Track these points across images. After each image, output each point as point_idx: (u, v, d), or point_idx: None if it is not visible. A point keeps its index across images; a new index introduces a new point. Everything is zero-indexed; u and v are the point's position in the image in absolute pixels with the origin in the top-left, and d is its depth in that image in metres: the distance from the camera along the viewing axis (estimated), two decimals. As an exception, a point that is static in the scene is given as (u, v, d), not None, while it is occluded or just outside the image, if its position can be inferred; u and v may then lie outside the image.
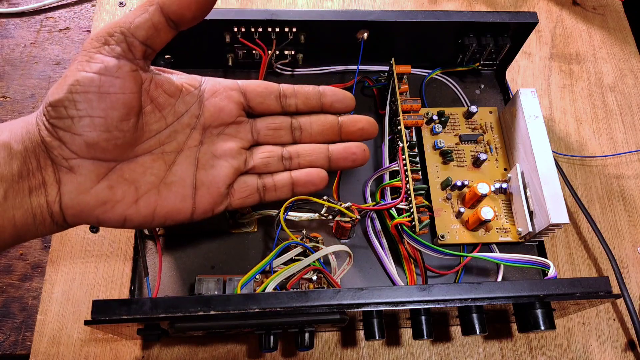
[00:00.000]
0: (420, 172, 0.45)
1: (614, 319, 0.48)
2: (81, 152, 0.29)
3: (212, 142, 0.34)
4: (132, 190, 0.31)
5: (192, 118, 0.34)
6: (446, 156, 0.50)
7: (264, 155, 0.36)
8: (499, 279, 0.47)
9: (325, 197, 0.44)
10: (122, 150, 0.31)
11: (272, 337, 0.39)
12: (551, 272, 0.40)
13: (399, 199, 0.44)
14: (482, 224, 0.46)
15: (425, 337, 0.39)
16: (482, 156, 0.49)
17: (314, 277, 0.43)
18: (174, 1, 0.30)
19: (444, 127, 0.52)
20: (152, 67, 0.33)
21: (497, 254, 0.46)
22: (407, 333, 0.46)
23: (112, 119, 0.29)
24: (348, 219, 0.44)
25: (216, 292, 0.43)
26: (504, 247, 0.49)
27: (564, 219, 0.43)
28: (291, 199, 0.43)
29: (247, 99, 0.36)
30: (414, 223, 0.43)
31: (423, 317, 0.39)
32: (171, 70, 0.34)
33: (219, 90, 0.35)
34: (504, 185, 0.49)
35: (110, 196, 0.31)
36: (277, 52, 0.51)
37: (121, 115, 0.30)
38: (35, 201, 0.29)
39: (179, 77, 0.34)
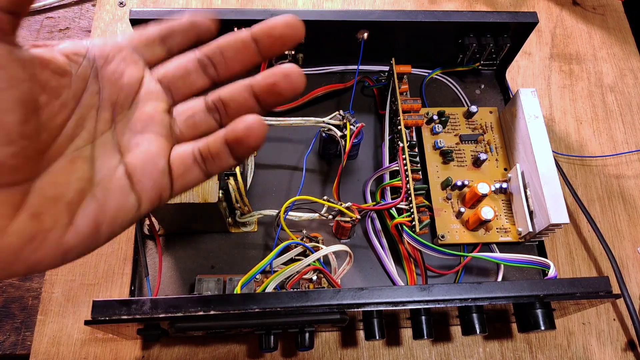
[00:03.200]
0: (420, 172, 0.45)
1: (614, 319, 0.48)
2: None
3: (126, 118, 0.28)
4: (62, 209, 0.24)
5: (94, 96, 0.27)
6: (446, 156, 0.50)
7: (186, 113, 0.30)
8: (499, 279, 0.47)
9: (325, 197, 0.44)
10: (34, 163, 0.24)
11: (272, 337, 0.39)
12: (551, 272, 0.40)
13: (399, 199, 0.44)
14: (482, 224, 0.46)
15: (426, 337, 0.39)
16: (482, 156, 0.49)
17: (314, 277, 0.43)
18: None
19: (444, 127, 0.52)
20: (22, 42, 0.25)
21: (497, 254, 0.46)
22: (407, 333, 0.46)
23: (11, 125, 0.22)
24: (348, 219, 0.44)
25: (216, 292, 0.43)
26: (504, 247, 0.49)
27: (564, 219, 0.43)
28: (291, 199, 0.43)
29: (141, 54, 0.29)
30: (414, 223, 0.43)
31: (423, 317, 0.39)
32: (44, 42, 0.27)
33: (110, 54, 0.28)
34: (504, 185, 0.49)
35: (38, 227, 0.23)
36: (277, 52, 0.51)
37: (20, 117, 0.22)
38: None
39: (60, 48, 0.27)
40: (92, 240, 0.25)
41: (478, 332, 0.39)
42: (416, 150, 0.47)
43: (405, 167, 0.45)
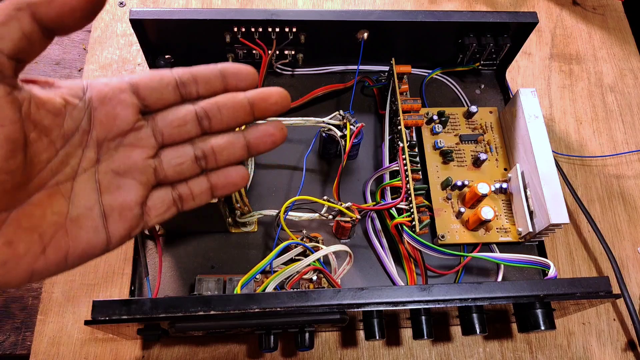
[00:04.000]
0: (420, 172, 0.45)
1: (614, 319, 0.48)
2: None
3: (111, 159, 0.29)
4: (35, 239, 0.26)
5: (83, 135, 0.28)
6: (446, 156, 0.50)
7: (175, 161, 0.31)
8: (499, 279, 0.47)
9: (325, 197, 0.44)
10: (12, 196, 0.25)
11: (272, 337, 0.39)
12: (551, 272, 0.40)
13: (399, 199, 0.44)
14: (482, 224, 0.46)
15: (426, 337, 0.39)
16: (482, 156, 0.49)
17: (314, 277, 0.43)
18: (51, 6, 0.24)
19: (444, 127, 0.52)
20: (23, 82, 0.26)
21: (497, 254, 0.46)
22: (407, 333, 0.46)
23: None
24: (348, 219, 0.44)
25: (216, 292, 0.43)
26: (504, 247, 0.49)
27: (564, 219, 0.43)
28: (291, 199, 0.43)
29: (141, 98, 0.30)
30: (414, 223, 0.43)
31: (423, 317, 0.39)
32: (45, 79, 0.28)
33: (107, 96, 0.29)
34: (504, 185, 0.49)
35: (11, 254, 0.25)
36: (277, 52, 0.51)
37: (6, 153, 0.23)
38: None
39: (58, 90, 0.28)
40: (58, 269, 0.27)
41: (478, 332, 0.39)
42: (416, 150, 0.47)
43: (405, 167, 0.45)
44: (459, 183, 0.49)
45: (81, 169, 0.28)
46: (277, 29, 0.48)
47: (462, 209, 0.48)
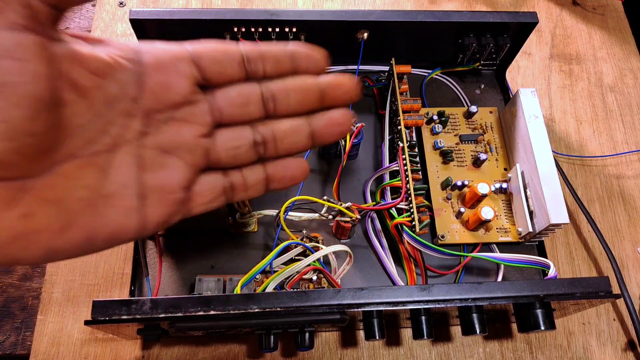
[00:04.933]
0: (420, 172, 0.45)
1: (614, 319, 0.48)
2: None
3: (158, 132, 0.26)
4: (57, 214, 0.23)
5: (129, 102, 0.25)
6: (446, 156, 0.50)
7: (230, 144, 0.28)
8: (499, 279, 0.47)
9: (325, 197, 0.44)
10: (35, 161, 0.22)
11: (272, 337, 0.39)
12: (551, 272, 0.40)
13: (399, 199, 0.44)
14: (482, 224, 0.46)
15: (426, 337, 0.39)
16: (482, 156, 0.49)
17: (314, 277, 0.43)
18: None
19: (444, 127, 0.52)
20: (65, 34, 0.23)
21: (497, 254, 0.46)
22: (407, 333, 0.46)
23: (17, 120, 0.20)
24: (348, 219, 0.44)
25: (216, 292, 0.43)
26: (504, 247, 0.49)
27: (564, 219, 0.43)
28: (291, 199, 0.43)
29: (201, 69, 0.27)
30: (414, 223, 0.43)
31: (423, 317, 0.39)
32: (94, 37, 0.25)
33: (163, 63, 0.26)
34: (504, 185, 0.49)
35: (27, 227, 0.22)
36: (277, 52, 0.51)
37: (29, 113, 0.20)
38: None
39: (107, 48, 0.24)
40: (82, 250, 0.24)
41: (478, 332, 0.39)
42: (416, 150, 0.47)
43: (405, 167, 0.45)
44: (459, 183, 0.49)
45: (122, 141, 0.25)
46: (277, 29, 0.48)
47: (462, 209, 0.48)
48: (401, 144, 0.46)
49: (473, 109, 0.52)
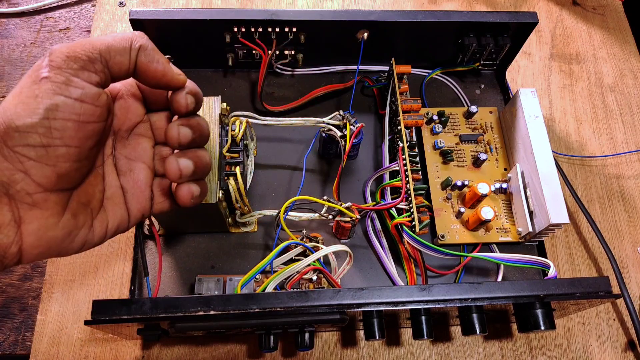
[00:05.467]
0: (420, 172, 0.45)
1: (614, 319, 0.48)
2: (49, 184, 0.27)
3: (123, 145, 0.33)
4: (88, 214, 0.30)
5: (109, 124, 0.32)
6: (446, 156, 0.50)
7: (161, 155, 0.34)
8: (499, 279, 0.47)
9: (325, 197, 0.44)
10: (83, 176, 0.30)
11: (272, 337, 0.39)
12: (551, 272, 0.40)
13: (399, 199, 0.44)
14: (482, 224, 0.46)
15: (426, 337, 0.39)
16: (482, 156, 0.49)
17: (314, 277, 0.43)
18: (148, 68, 0.29)
19: (444, 127, 0.52)
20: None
21: (497, 254, 0.46)
22: (407, 333, 0.46)
23: (86, 148, 0.28)
24: (348, 219, 0.44)
25: (216, 292, 0.43)
26: (504, 247, 0.49)
27: (564, 219, 0.43)
28: (291, 199, 0.43)
29: (145, 95, 0.34)
30: (414, 223, 0.43)
31: (423, 317, 0.39)
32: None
33: (121, 90, 0.33)
34: (504, 185, 0.49)
35: (75, 225, 0.29)
36: (277, 52, 0.51)
37: (94, 143, 0.28)
38: None
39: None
40: (100, 239, 0.31)
41: (478, 332, 0.39)
42: (416, 150, 0.47)
43: (405, 167, 0.45)
44: (459, 183, 0.49)
45: (106, 155, 0.32)
46: (277, 29, 0.48)
47: (462, 209, 0.48)
48: (401, 144, 0.46)
49: (473, 109, 0.52)
